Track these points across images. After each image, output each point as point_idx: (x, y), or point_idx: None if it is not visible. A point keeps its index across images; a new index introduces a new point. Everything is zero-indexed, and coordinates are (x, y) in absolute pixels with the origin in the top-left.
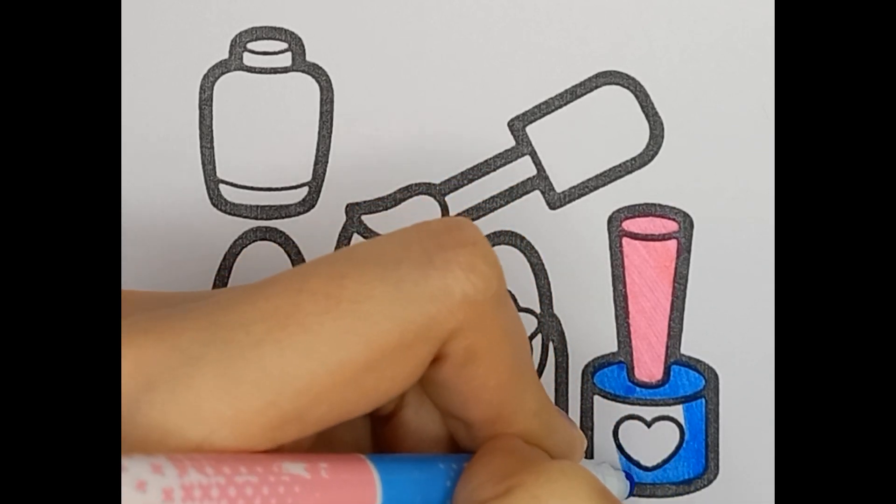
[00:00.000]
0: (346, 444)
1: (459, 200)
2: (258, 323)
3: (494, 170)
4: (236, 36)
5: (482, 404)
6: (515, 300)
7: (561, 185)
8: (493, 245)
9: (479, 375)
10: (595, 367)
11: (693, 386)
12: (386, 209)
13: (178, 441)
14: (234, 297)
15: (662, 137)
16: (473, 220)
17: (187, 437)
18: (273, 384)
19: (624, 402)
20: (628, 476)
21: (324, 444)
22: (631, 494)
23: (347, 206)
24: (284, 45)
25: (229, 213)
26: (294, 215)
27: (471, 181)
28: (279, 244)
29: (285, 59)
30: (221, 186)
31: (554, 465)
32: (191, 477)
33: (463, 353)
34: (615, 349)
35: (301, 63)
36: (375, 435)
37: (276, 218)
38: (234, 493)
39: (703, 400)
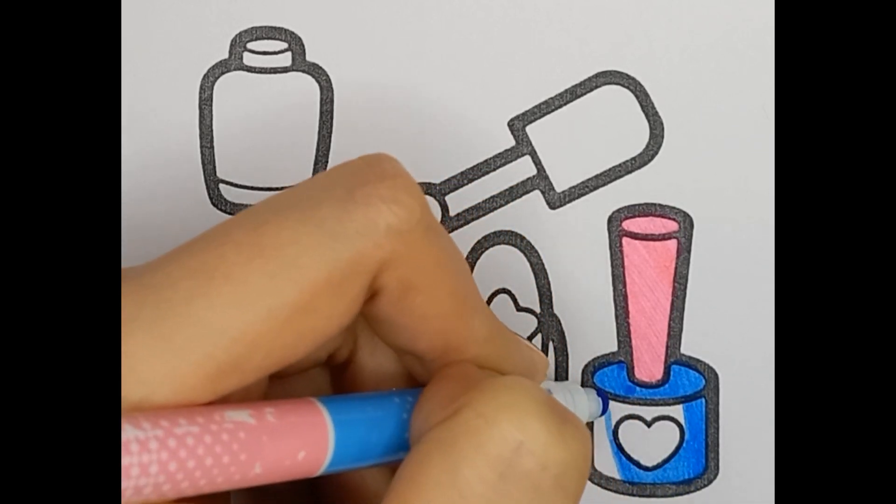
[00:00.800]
0: (307, 396)
1: (459, 200)
2: (186, 279)
3: (494, 169)
4: (236, 36)
5: (429, 334)
6: (515, 300)
7: (561, 184)
8: (493, 245)
9: (418, 306)
10: (595, 367)
11: (693, 386)
12: None
13: None
14: (162, 258)
15: (662, 137)
16: (473, 220)
17: (126, 398)
18: (206, 336)
19: (624, 402)
20: (601, 393)
21: (282, 397)
22: (605, 410)
23: None
24: (284, 45)
25: (229, 213)
26: None
27: (471, 181)
28: None
29: (285, 59)
30: (221, 186)
31: (498, 381)
32: (126, 433)
33: (397, 286)
34: (615, 349)
35: (301, 63)
36: (335, 384)
37: None
38: (174, 445)
39: (703, 400)
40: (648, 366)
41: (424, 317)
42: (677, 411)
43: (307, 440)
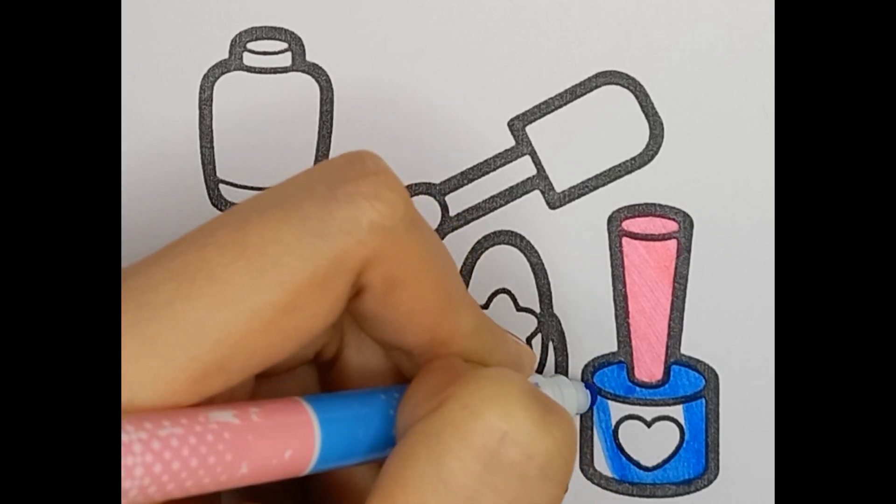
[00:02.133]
0: (293, 395)
1: (459, 200)
2: (167, 282)
3: (494, 170)
4: (236, 36)
5: (415, 330)
6: (515, 300)
7: (561, 184)
8: (493, 245)
9: (404, 301)
10: (595, 367)
11: (693, 386)
12: None
13: None
14: (144, 261)
15: (662, 137)
16: (473, 220)
17: None
18: (190, 338)
19: (624, 402)
20: (589, 386)
21: (269, 396)
22: (595, 402)
23: None
24: (284, 45)
25: None
26: None
27: (471, 181)
28: None
29: (285, 59)
30: (221, 186)
31: (483, 373)
32: None
33: (382, 282)
34: (615, 349)
35: (301, 63)
36: (323, 382)
37: None
38: (158, 447)
39: (703, 400)
40: (648, 366)
41: (411, 312)
42: (677, 411)
43: (293, 439)
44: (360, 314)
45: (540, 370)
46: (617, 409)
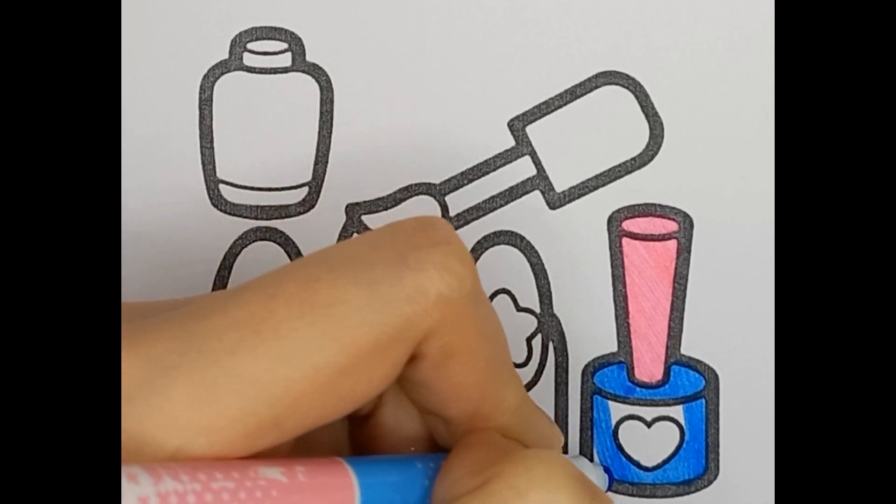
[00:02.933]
0: (324, 446)
1: (459, 200)
2: (232, 330)
3: (494, 170)
4: (236, 36)
5: (461, 401)
6: (515, 300)
7: (561, 184)
8: (493, 245)
9: (457, 373)
10: (595, 367)
11: (693, 386)
12: (386, 209)
13: (153, 451)
14: (208, 304)
15: (662, 137)
16: (473, 220)
17: (163, 447)
18: (248, 391)
19: (624, 403)
20: (607, 470)
21: (302, 446)
22: (609, 489)
23: (347, 206)
24: (284, 46)
25: (229, 214)
26: (294, 215)
27: (471, 181)
28: (279, 244)
29: (285, 60)
30: (221, 186)
31: (531, 454)
32: (166, 484)
33: (440, 353)
34: (615, 349)
35: (301, 63)
36: (353, 436)
37: (276, 218)
38: (210, 499)
39: (704, 400)
40: (648, 366)
41: (460, 384)
42: (677, 412)
43: (334, 501)
44: (409, 380)
45: (540, 370)
46: (617, 410)
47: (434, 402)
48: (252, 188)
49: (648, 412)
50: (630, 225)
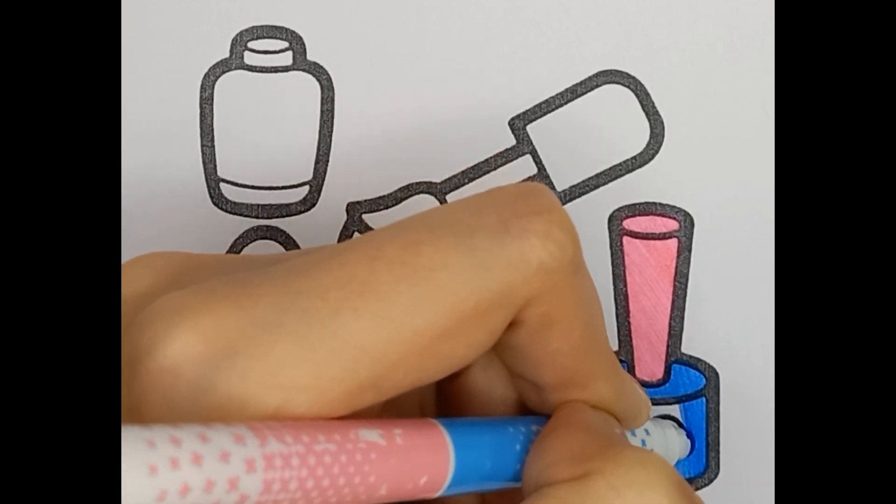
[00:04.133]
0: (412, 405)
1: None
2: (334, 290)
3: (495, 168)
4: (237, 35)
5: (556, 368)
6: None
7: (561, 183)
8: None
9: (554, 341)
10: None
11: (694, 385)
12: (387, 208)
13: (256, 408)
14: (309, 263)
15: (663, 136)
16: None
17: (265, 404)
18: (350, 352)
19: None
20: (689, 435)
21: (390, 405)
22: (693, 451)
23: (348, 204)
24: (285, 44)
25: (230, 212)
26: (295, 214)
27: (471, 180)
28: (280, 243)
29: (286, 58)
30: (222, 185)
31: (633, 454)
32: (271, 446)
33: (538, 320)
34: (616, 348)
35: (302, 62)
36: (440, 396)
37: (277, 217)
38: (313, 462)
39: (704, 399)
40: (649, 365)
41: (557, 352)
42: (678, 411)
43: (431, 465)
44: (506, 345)
45: None
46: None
47: (528, 367)
48: (253, 187)
49: None
50: (631, 224)
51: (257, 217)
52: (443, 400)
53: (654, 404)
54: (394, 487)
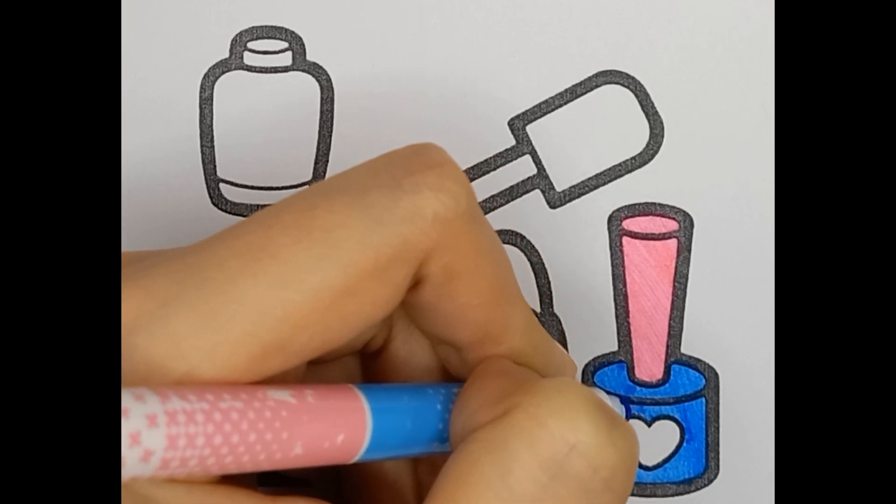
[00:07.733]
0: (337, 381)
1: None
2: (231, 259)
3: (495, 169)
4: (237, 35)
5: (468, 324)
6: None
7: (561, 184)
8: None
9: (461, 294)
10: (595, 367)
11: (693, 385)
12: None
13: (160, 377)
14: (208, 239)
15: (662, 136)
16: None
17: (170, 373)
18: (250, 315)
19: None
20: (623, 401)
21: (312, 381)
22: (629, 417)
23: None
24: (285, 45)
25: (230, 213)
26: None
27: (471, 180)
28: None
29: (286, 59)
30: (222, 185)
31: (549, 383)
32: (174, 403)
33: (441, 273)
34: (615, 348)
35: (301, 62)
36: (366, 372)
37: None
38: (219, 418)
39: (704, 399)
40: (649, 365)
41: (466, 305)
42: (677, 411)
43: (346, 424)
44: (416, 305)
45: None
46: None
47: (442, 326)
48: (252, 187)
49: (648, 411)
50: (630, 224)
51: None
52: (368, 375)
53: (653, 404)
54: (309, 446)
